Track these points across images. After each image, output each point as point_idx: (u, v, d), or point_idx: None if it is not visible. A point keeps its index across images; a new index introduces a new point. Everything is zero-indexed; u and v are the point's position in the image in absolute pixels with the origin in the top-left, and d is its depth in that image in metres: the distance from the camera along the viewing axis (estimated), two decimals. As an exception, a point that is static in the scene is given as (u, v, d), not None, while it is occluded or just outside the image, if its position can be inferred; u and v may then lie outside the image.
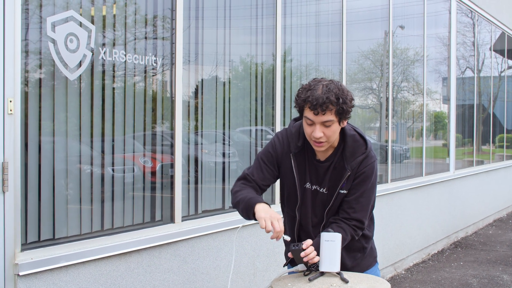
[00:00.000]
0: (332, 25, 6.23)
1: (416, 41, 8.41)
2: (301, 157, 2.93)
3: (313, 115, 2.72)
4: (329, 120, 2.72)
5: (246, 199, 2.81)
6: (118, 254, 3.62)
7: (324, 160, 2.92)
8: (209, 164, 4.70)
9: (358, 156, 2.87)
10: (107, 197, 3.74)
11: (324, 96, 2.67)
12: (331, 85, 2.72)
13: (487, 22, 11.31)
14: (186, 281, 4.13)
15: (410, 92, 8.61)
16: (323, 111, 2.68)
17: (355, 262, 3.06)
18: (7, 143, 3.03)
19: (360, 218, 2.90)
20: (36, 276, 3.14)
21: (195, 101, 4.54)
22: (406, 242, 7.57)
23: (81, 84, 3.52)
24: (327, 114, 2.70)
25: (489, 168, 11.24)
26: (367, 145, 2.91)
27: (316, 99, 2.68)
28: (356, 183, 2.89)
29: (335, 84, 2.75)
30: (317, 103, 2.67)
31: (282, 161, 2.95)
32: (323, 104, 2.67)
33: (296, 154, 2.92)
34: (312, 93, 2.70)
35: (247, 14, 5.07)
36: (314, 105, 2.68)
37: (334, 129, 2.76)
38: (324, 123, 2.73)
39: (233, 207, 2.94)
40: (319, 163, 2.92)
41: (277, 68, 5.22)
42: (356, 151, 2.88)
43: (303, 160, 2.93)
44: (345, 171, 2.87)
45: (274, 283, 2.73)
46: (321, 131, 2.74)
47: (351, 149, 2.88)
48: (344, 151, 2.88)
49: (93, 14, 3.58)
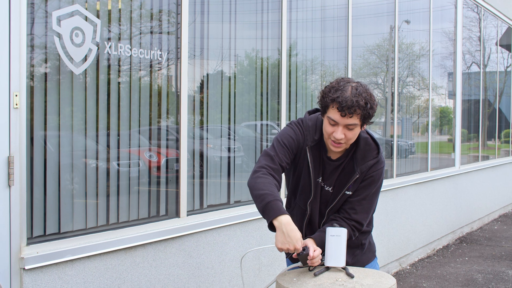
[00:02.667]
0: (338, 19, 6.21)
1: (422, 35, 8.38)
2: (316, 151, 2.90)
3: (339, 117, 2.68)
4: (353, 124, 2.69)
5: (266, 199, 2.58)
6: (123, 248, 3.62)
7: (335, 159, 2.90)
8: (214, 158, 4.70)
9: (369, 160, 2.86)
10: (113, 192, 3.74)
11: (354, 99, 2.64)
12: (360, 88, 2.69)
13: (493, 16, 11.25)
14: (191, 276, 4.14)
15: (415, 87, 8.58)
16: (350, 114, 2.65)
17: (354, 258, 3.06)
18: (13, 137, 3.03)
19: (360, 220, 2.89)
20: (41, 270, 3.15)
21: (200, 95, 4.53)
22: (411, 237, 7.56)
23: (87, 79, 3.52)
24: (354, 117, 2.67)
25: (495, 163, 11.21)
26: (379, 150, 2.89)
27: (345, 101, 2.63)
28: (362, 186, 2.88)
29: (364, 87, 2.72)
30: (346, 105, 2.63)
31: (298, 151, 2.90)
32: (351, 107, 2.63)
33: (312, 148, 2.88)
34: (342, 94, 2.66)
35: (253, 9, 5.06)
36: (343, 107, 2.64)
37: (355, 132, 2.74)
38: (347, 126, 2.70)
39: (248, 188, 2.71)
40: (330, 160, 2.90)
41: (282, 63, 5.21)
42: (368, 155, 2.87)
43: (318, 155, 2.90)
44: (354, 173, 2.86)
45: (279, 278, 2.73)
46: (342, 133, 2.71)
47: (363, 153, 2.86)
48: (355, 154, 2.86)
49: (98, 9, 3.58)
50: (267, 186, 2.62)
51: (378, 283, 2.63)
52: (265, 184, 2.63)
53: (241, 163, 4.96)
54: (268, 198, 2.57)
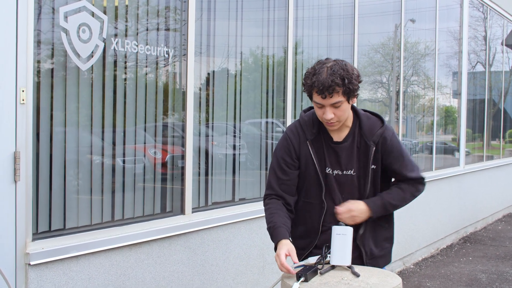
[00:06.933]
0: (344, 17, 6.20)
1: (427, 34, 8.36)
2: (318, 143, 2.94)
3: (321, 99, 2.75)
4: (338, 101, 2.75)
5: (271, 228, 2.86)
6: (128, 245, 3.63)
7: (342, 141, 2.93)
8: (219, 156, 4.69)
9: (377, 130, 2.92)
10: (118, 188, 3.74)
11: (329, 80, 2.70)
12: (335, 67, 2.74)
13: (499, 16, 11.21)
14: (196, 273, 4.14)
15: (420, 86, 8.56)
16: (330, 94, 2.72)
17: (382, 251, 3.07)
18: (19, 133, 3.03)
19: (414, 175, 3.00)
20: (46, 266, 3.15)
21: (206, 93, 4.52)
22: (415, 236, 7.55)
23: (93, 75, 3.52)
24: (335, 96, 2.73)
25: (499, 163, 11.18)
26: (382, 120, 2.97)
27: (322, 84, 2.71)
28: (389, 151, 2.93)
29: (339, 64, 2.76)
30: (324, 87, 2.71)
31: (300, 150, 2.95)
32: (329, 88, 2.70)
33: (313, 141, 2.93)
34: (318, 77, 2.73)
35: (259, 6, 5.05)
36: (321, 90, 2.72)
37: (344, 108, 2.80)
38: (333, 105, 2.76)
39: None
40: (338, 144, 2.93)
41: (288, 61, 5.20)
42: (373, 126, 2.93)
43: (321, 146, 2.94)
44: (369, 147, 2.90)
45: (285, 276, 2.73)
46: (331, 112, 2.77)
47: (368, 126, 2.93)
48: (362, 130, 2.92)
49: (105, 5, 3.57)
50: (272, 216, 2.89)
51: (383, 282, 2.62)
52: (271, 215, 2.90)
53: (245, 161, 4.95)
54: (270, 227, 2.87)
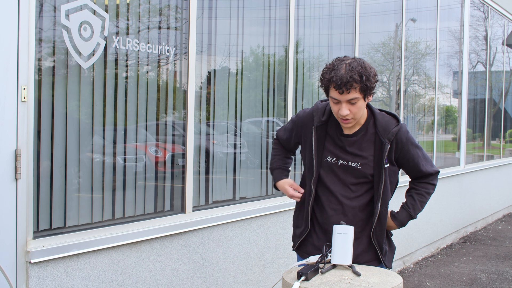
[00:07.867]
0: (345, 17, 6.19)
1: (427, 34, 8.35)
2: (322, 133, 3.00)
3: (338, 94, 2.78)
4: (355, 98, 2.79)
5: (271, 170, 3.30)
6: (129, 243, 3.62)
7: (352, 134, 2.97)
8: (219, 155, 4.69)
9: (392, 128, 2.95)
10: (118, 186, 3.74)
11: (348, 76, 2.74)
12: (353, 64, 2.78)
13: (500, 15, 11.21)
14: (196, 271, 4.14)
15: (420, 85, 8.56)
16: (347, 89, 2.75)
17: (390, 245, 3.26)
18: (20, 131, 3.03)
19: (431, 171, 3.13)
20: (47, 264, 3.15)
21: (207, 91, 4.52)
22: (415, 235, 7.55)
23: (94, 73, 3.52)
24: (352, 92, 2.77)
25: (499, 163, 11.18)
26: (397, 119, 3.01)
27: (340, 79, 2.74)
28: (405, 150, 3.00)
29: (358, 62, 2.81)
30: (341, 82, 2.74)
31: (303, 131, 3.06)
32: (347, 83, 2.74)
33: (318, 128, 2.99)
34: (336, 73, 2.77)
35: (260, 5, 5.05)
36: (339, 85, 2.75)
37: (359, 106, 2.83)
38: (349, 101, 2.80)
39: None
40: (347, 137, 2.97)
41: (289, 60, 5.20)
42: (388, 124, 2.97)
43: (324, 135, 3.00)
44: (384, 145, 2.93)
45: (286, 275, 2.73)
46: (347, 109, 2.81)
47: (383, 124, 2.96)
48: (376, 127, 2.95)
49: (107, 3, 3.57)
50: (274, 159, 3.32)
51: (384, 281, 2.62)
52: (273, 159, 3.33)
53: (245, 160, 4.95)
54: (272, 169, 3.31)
